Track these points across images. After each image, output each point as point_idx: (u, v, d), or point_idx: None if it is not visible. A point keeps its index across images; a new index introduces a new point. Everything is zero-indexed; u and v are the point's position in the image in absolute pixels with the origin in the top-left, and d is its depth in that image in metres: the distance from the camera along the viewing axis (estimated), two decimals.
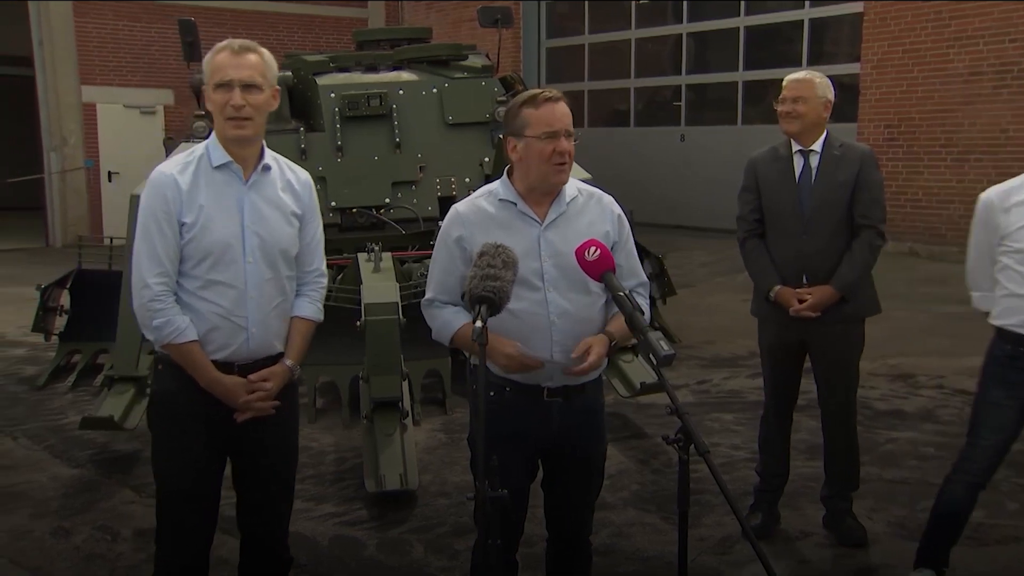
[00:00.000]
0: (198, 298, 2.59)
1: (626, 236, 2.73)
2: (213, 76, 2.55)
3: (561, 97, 2.59)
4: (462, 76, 7.24)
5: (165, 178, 2.58)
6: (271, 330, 2.66)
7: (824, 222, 3.65)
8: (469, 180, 6.82)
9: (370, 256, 5.40)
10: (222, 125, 2.58)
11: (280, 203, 2.68)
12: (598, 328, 2.63)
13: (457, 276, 2.57)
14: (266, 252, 2.63)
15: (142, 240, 2.57)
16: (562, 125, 2.56)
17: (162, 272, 2.55)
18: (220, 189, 2.60)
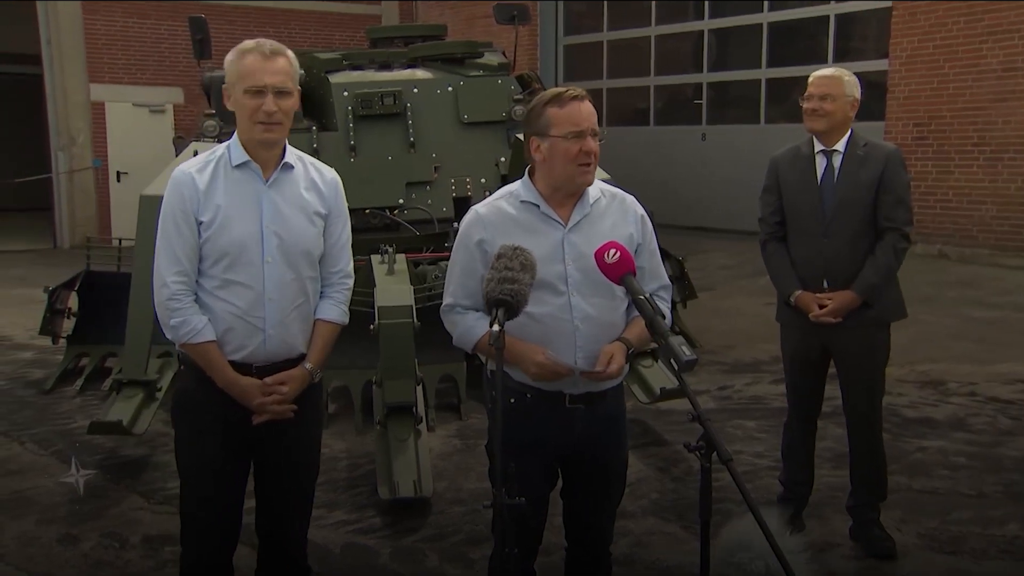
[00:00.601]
0: (215, 298, 2.62)
1: (649, 237, 2.74)
2: (243, 80, 2.57)
3: (586, 96, 2.61)
4: (478, 74, 7.25)
5: (184, 176, 2.63)
6: (290, 332, 2.68)
7: (846, 224, 3.63)
8: (485, 180, 6.83)
9: (384, 258, 5.41)
10: (250, 128, 2.61)
11: (302, 202, 2.69)
12: (620, 332, 2.64)
13: (478, 280, 2.58)
14: (286, 252, 2.65)
15: (162, 239, 2.62)
16: (588, 124, 2.57)
17: (180, 271, 2.59)
18: (238, 188, 2.63)
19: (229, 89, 2.63)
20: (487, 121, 7.02)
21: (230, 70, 2.62)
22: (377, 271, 5.29)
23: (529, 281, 2.34)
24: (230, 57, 2.63)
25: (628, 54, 14.92)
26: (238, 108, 2.61)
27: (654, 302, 2.41)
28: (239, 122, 2.64)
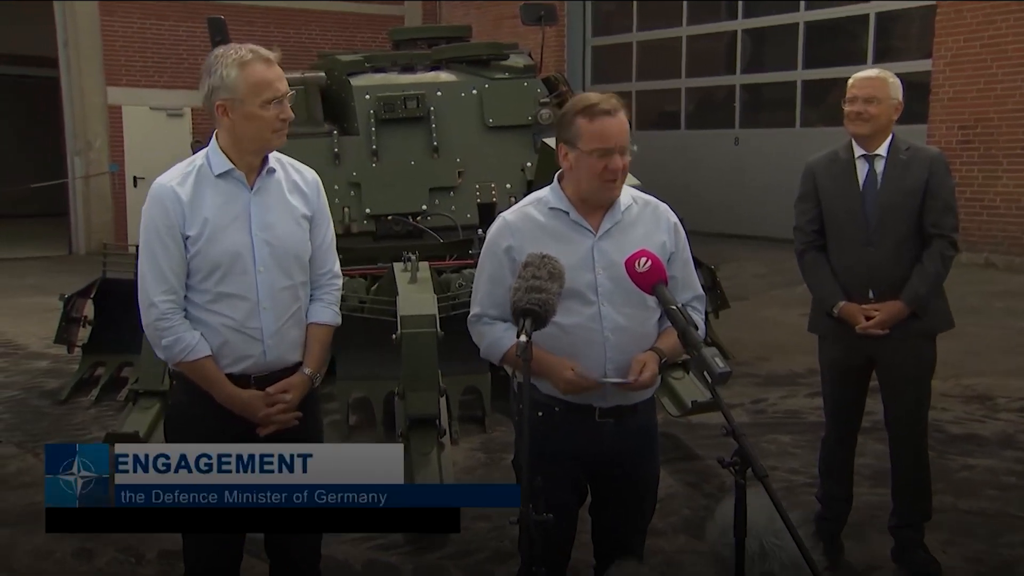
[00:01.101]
0: (208, 311, 2.62)
1: (682, 246, 2.74)
2: (260, 91, 2.58)
3: (619, 108, 2.59)
4: (503, 76, 7.27)
5: (164, 191, 2.61)
6: (288, 340, 2.70)
7: (890, 232, 3.61)
8: (510, 186, 6.84)
9: (406, 266, 5.43)
10: (268, 139, 2.62)
11: (288, 206, 2.72)
12: (652, 343, 2.64)
13: (506, 289, 2.58)
14: (278, 259, 2.67)
15: (146, 257, 2.60)
16: (616, 142, 2.57)
17: (168, 289, 2.58)
18: (224, 198, 2.64)
19: (233, 104, 2.59)
20: (513, 125, 7.04)
21: (236, 83, 2.58)
22: (400, 279, 5.31)
23: (557, 290, 2.35)
24: (228, 71, 2.58)
25: (658, 55, 14.90)
26: (250, 121, 2.59)
27: (687, 312, 2.41)
28: (249, 133, 2.62)
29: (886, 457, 3.89)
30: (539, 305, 2.30)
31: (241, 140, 2.64)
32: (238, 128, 2.62)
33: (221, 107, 2.61)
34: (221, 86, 2.60)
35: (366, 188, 6.70)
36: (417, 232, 6.71)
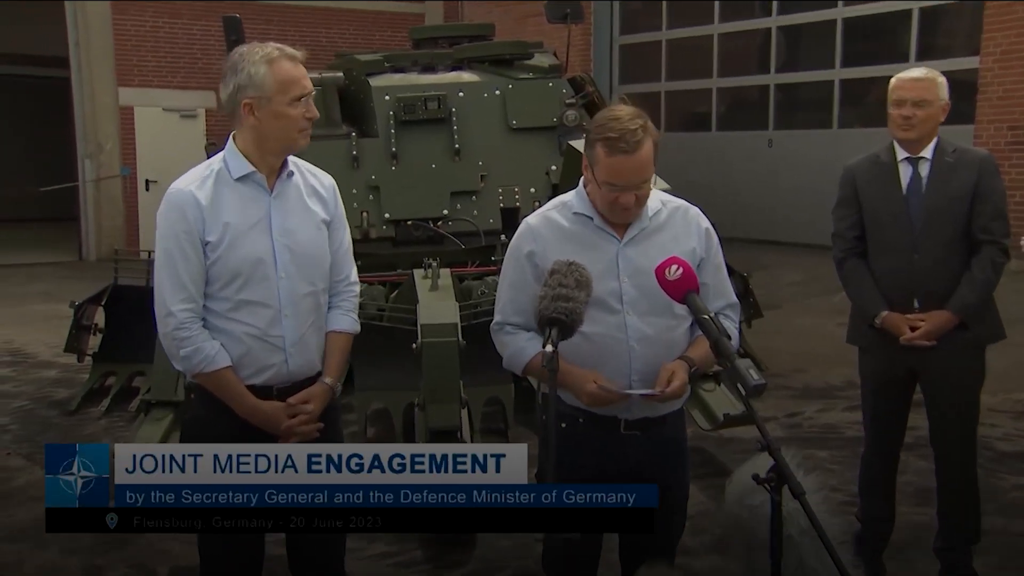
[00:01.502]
0: (229, 320, 2.64)
1: (714, 252, 2.74)
2: (289, 88, 2.61)
3: (642, 142, 2.53)
4: (527, 76, 7.28)
5: (183, 195, 2.63)
6: (309, 349, 2.72)
7: (936, 237, 3.58)
8: (535, 190, 6.84)
9: (427, 272, 5.44)
10: (294, 139, 2.65)
11: (308, 211, 2.74)
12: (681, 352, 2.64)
13: (529, 296, 2.59)
14: (299, 265, 2.69)
15: (163, 265, 2.62)
16: (630, 182, 2.55)
17: (186, 298, 2.60)
18: (245, 203, 2.66)
19: (260, 102, 2.61)
20: (537, 127, 7.03)
21: (264, 81, 2.61)
22: (420, 287, 5.32)
23: (585, 299, 2.36)
24: (256, 68, 2.61)
25: (689, 54, 14.88)
26: (278, 119, 2.62)
27: (720, 322, 2.42)
28: (275, 132, 2.64)
29: (931, 475, 3.85)
30: (566, 314, 2.31)
31: (266, 140, 2.66)
32: (264, 127, 2.64)
33: (248, 105, 2.63)
34: (249, 84, 2.62)
35: (385, 192, 6.72)
36: (438, 238, 6.72)
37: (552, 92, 7.16)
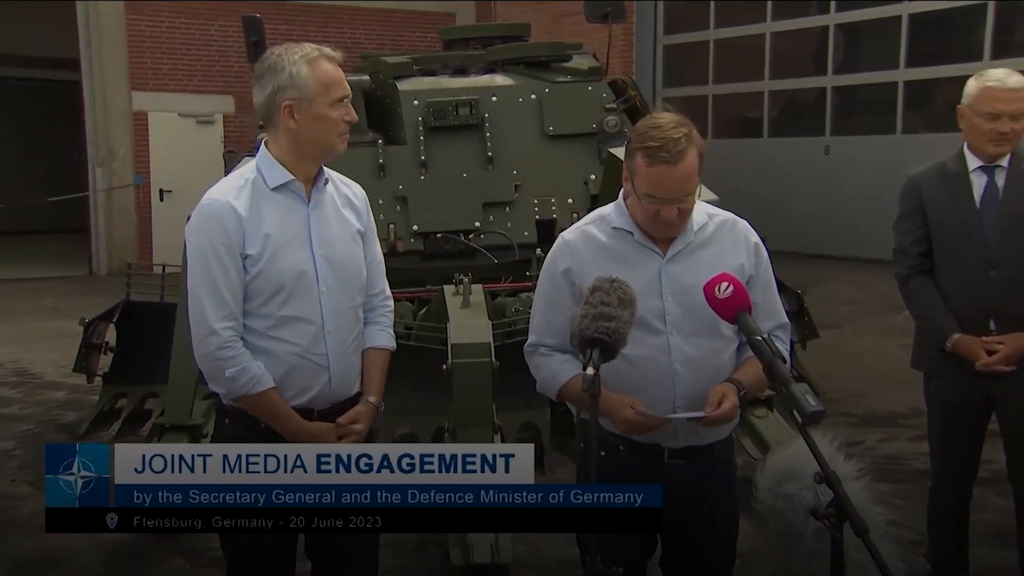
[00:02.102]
0: (270, 338, 2.67)
1: (764, 269, 2.74)
2: (331, 89, 2.66)
3: (686, 152, 2.54)
4: (565, 80, 7.30)
5: (221, 206, 2.66)
6: (351, 367, 2.76)
7: (1015, 253, 3.52)
8: (572, 201, 6.86)
9: (458, 289, 5.46)
10: (333, 143, 2.70)
11: (344, 222, 2.79)
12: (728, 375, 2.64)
13: (565, 316, 2.60)
14: (339, 279, 2.73)
15: (202, 280, 2.64)
16: (671, 194, 2.56)
17: (228, 315, 2.63)
18: (283, 213, 2.70)
19: (301, 104, 2.65)
20: (575, 133, 7.05)
21: (306, 81, 2.65)
22: (451, 304, 5.34)
23: (628, 318, 2.36)
24: (298, 68, 2.66)
25: (739, 55, 14.86)
26: (318, 122, 2.67)
27: (773, 344, 2.41)
28: (315, 136, 2.68)
29: (1010, 514, 3.80)
30: (608, 334, 2.31)
31: (304, 144, 2.70)
32: (303, 130, 2.68)
33: (288, 107, 2.67)
34: (290, 84, 2.66)
35: (413, 203, 6.76)
36: (469, 251, 6.74)
37: (591, 96, 7.18)
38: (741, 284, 2.49)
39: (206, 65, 15.44)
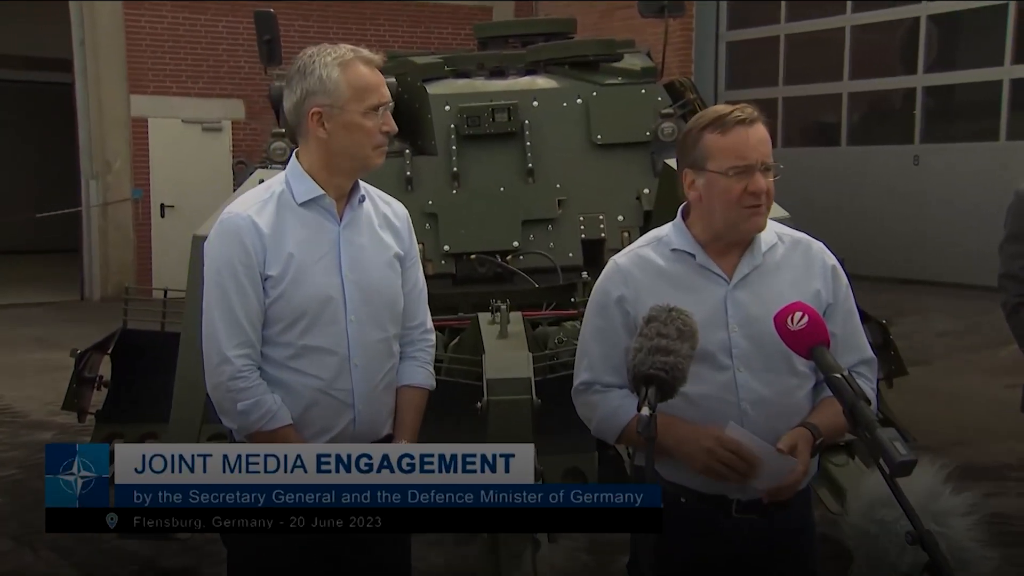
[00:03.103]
0: (289, 370, 2.71)
1: (843, 295, 2.74)
2: (365, 96, 2.70)
3: (758, 117, 2.64)
4: (615, 82, 7.33)
5: (242, 221, 2.70)
6: (380, 406, 2.79)
7: None
8: (623, 218, 6.87)
9: (494, 317, 5.48)
10: (366, 156, 2.73)
11: (381, 244, 2.82)
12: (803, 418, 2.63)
13: (620, 349, 2.61)
14: (371, 307, 2.76)
15: (217, 303, 2.69)
16: (758, 156, 2.60)
17: (244, 342, 2.67)
18: (310, 232, 2.74)
19: (332, 111, 2.69)
20: (627, 142, 7.07)
21: (337, 86, 2.69)
22: (486, 333, 5.35)
23: (689, 352, 2.36)
24: (329, 71, 2.70)
25: (814, 52, 14.84)
26: (351, 132, 2.70)
27: (856, 383, 2.39)
28: (348, 147, 2.72)
29: None
30: (665, 370, 2.31)
31: (336, 156, 2.74)
32: (334, 141, 2.72)
33: (317, 115, 2.71)
34: (320, 89, 2.70)
35: (444, 220, 6.79)
36: (507, 275, 6.76)
37: (645, 100, 7.20)
38: (817, 314, 2.48)
39: (213, 66, 15.58)
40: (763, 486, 2.54)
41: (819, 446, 2.62)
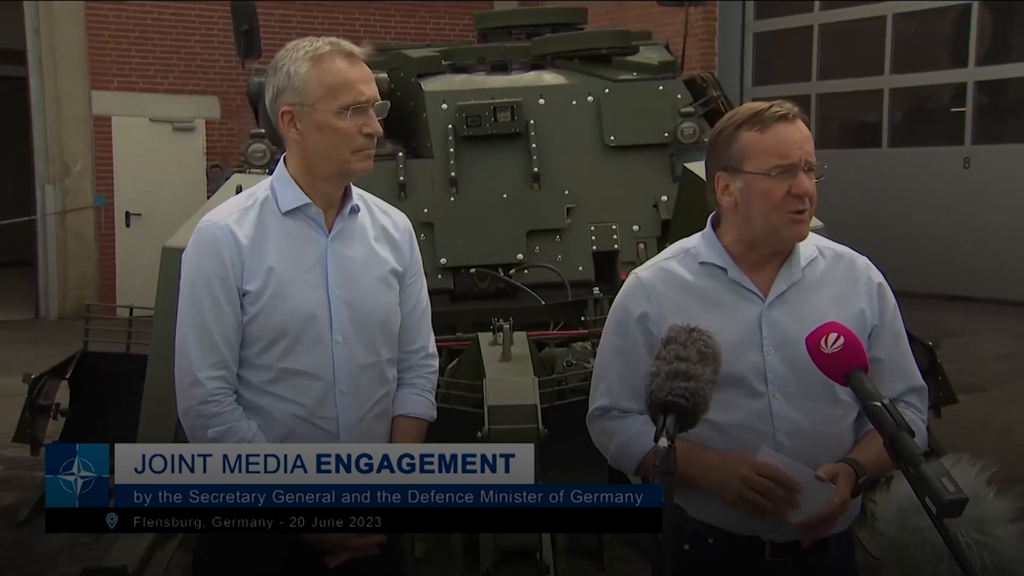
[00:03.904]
0: (268, 395, 2.72)
1: (891, 316, 2.75)
2: (339, 93, 2.69)
3: (798, 113, 2.67)
4: (630, 77, 7.35)
5: (219, 230, 2.71)
6: (372, 437, 2.78)
7: None
8: (638, 228, 6.88)
9: (496, 337, 5.49)
10: (345, 160, 2.72)
11: (375, 258, 2.82)
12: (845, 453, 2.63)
13: (642, 371, 2.61)
14: (361, 327, 2.76)
15: (190, 320, 2.70)
16: (802, 154, 2.62)
17: (218, 363, 2.68)
18: (295, 243, 2.75)
19: (302, 110, 2.71)
20: (643, 144, 7.09)
21: (306, 82, 2.70)
22: (487, 356, 5.36)
23: (711, 377, 2.36)
24: (299, 66, 2.71)
25: (851, 42, 14.85)
26: (323, 133, 2.70)
27: (898, 412, 2.38)
28: (322, 150, 2.73)
29: None
30: (685, 397, 2.30)
31: (313, 161, 2.75)
32: (308, 143, 2.73)
33: (287, 114, 2.73)
34: (288, 86, 2.72)
35: (441, 230, 6.81)
36: (510, 291, 6.78)
37: (663, 98, 7.22)
38: (853, 335, 2.47)
39: (184, 59, 15.54)
40: (800, 517, 2.54)
41: (862, 485, 2.62)
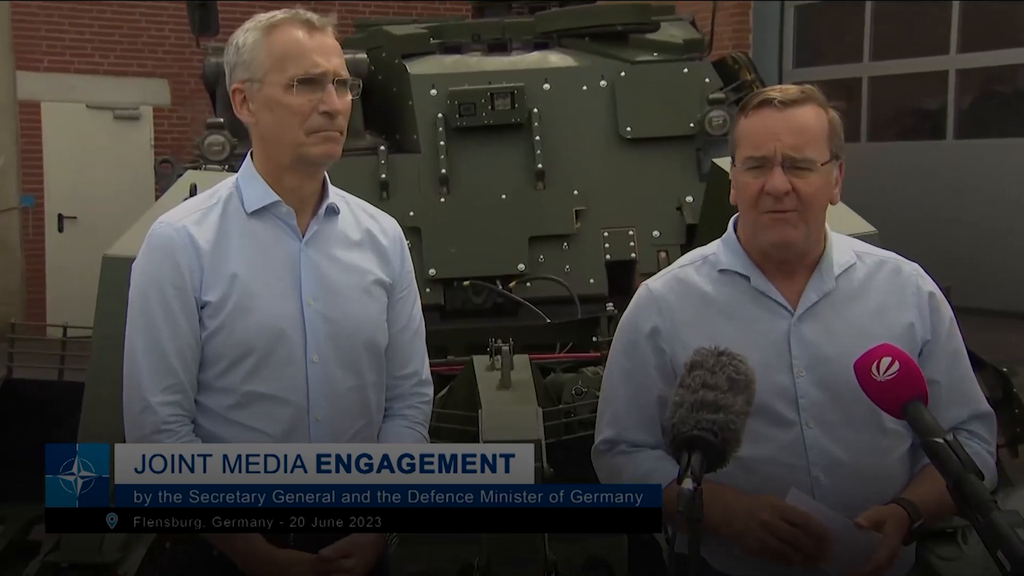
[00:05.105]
0: (230, 423, 2.75)
1: (946, 332, 2.77)
2: (284, 65, 2.70)
3: (805, 102, 2.65)
4: (650, 59, 7.37)
5: (176, 234, 2.73)
6: None
7: None
8: (659, 234, 6.89)
9: (494, 361, 5.51)
10: (298, 144, 2.73)
11: (356, 267, 2.85)
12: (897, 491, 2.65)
13: (653, 397, 2.64)
14: (341, 346, 2.78)
15: (140, 336, 2.72)
16: (777, 147, 2.62)
17: (172, 386, 2.71)
18: (262, 247, 2.77)
19: (252, 86, 2.74)
20: (665, 136, 7.10)
21: (253, 54, 2.73)
22: (483, 382, 5.37)
23: (743, 408, 2.36)
24: (248, 36, 2.75)
25: (910, 18, 14.86)
26: (272, 111, 2.72)
27: (963, 450, 2.36)
28: (273, 132, 2.75)
29: None
30: (714, 431, 2.31)
31: (268, 146, 2.78)
32: (261, 126, 2.76)
33: (238, 92, 2.76)
34: (238, 61, 2.76)
35: (430, 236, 6.82)
36: (510, 306, 6.79)
37: (688, 82, 7.23)
38: (909, 359, 2.47)
39: (128, 36, 15.49)
40: (835, 573, 2.55)
41: (917, 531, 2.62)
